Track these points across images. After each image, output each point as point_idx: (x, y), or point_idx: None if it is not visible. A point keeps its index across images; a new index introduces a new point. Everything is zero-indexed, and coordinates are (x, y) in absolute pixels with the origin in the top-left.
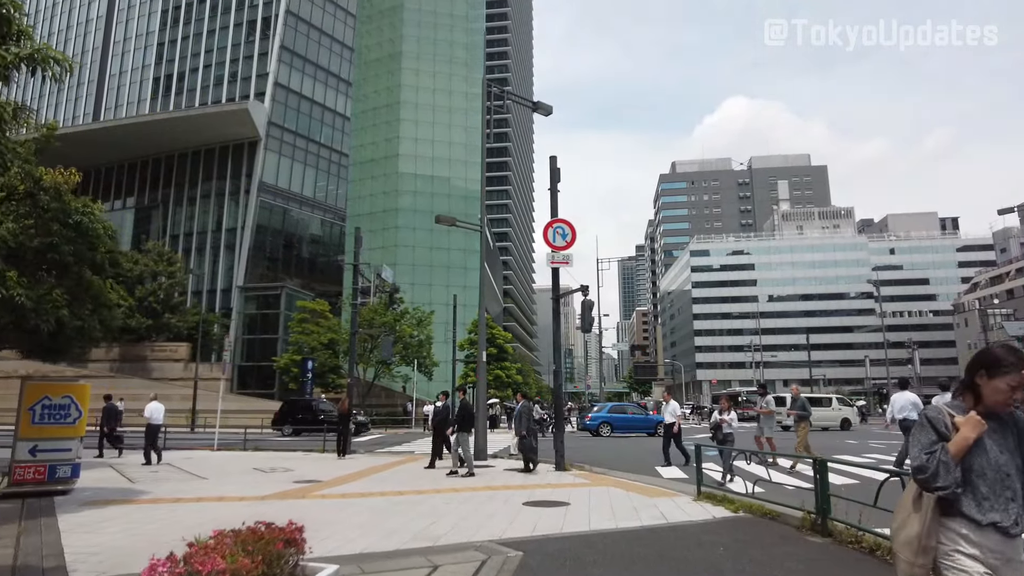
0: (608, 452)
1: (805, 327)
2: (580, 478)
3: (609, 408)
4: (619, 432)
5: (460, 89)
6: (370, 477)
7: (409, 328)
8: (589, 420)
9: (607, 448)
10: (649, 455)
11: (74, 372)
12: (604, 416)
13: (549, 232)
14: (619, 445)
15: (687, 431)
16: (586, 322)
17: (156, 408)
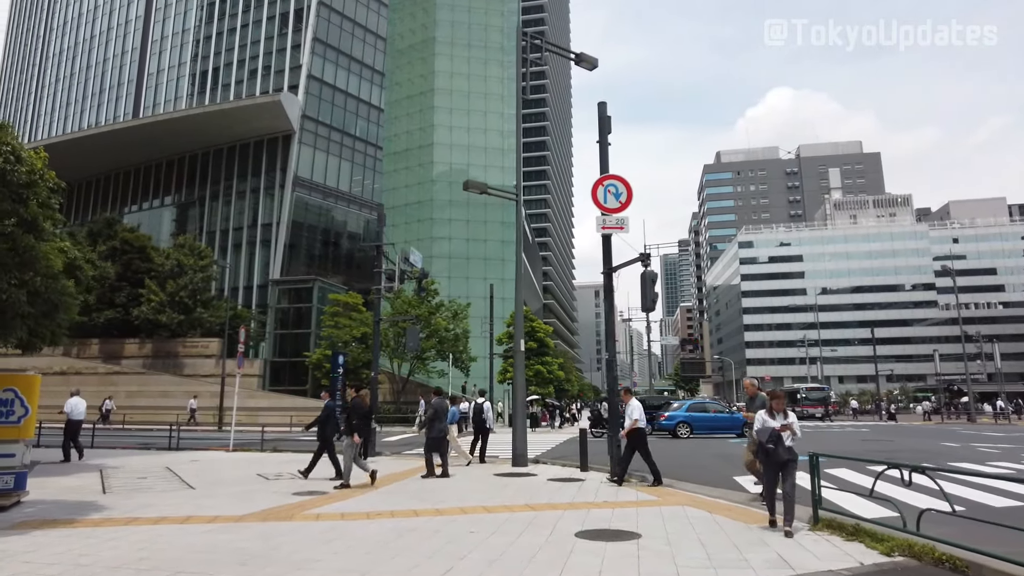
0: (673, 457)
1: (858, 320)
2: (644, 493)
3: (688, 406)
4: (700, 433)
5: (495, 74)
6: (386, 488)
7: (444, 321)
8: (665, 419)
9: (671, 452)
10: (724, 462)
11: (107, 369)
12: (682, 415)
13: (599, 191)
14: (686, 448)
15: None
16: (648, 298)
17: (76, 403)
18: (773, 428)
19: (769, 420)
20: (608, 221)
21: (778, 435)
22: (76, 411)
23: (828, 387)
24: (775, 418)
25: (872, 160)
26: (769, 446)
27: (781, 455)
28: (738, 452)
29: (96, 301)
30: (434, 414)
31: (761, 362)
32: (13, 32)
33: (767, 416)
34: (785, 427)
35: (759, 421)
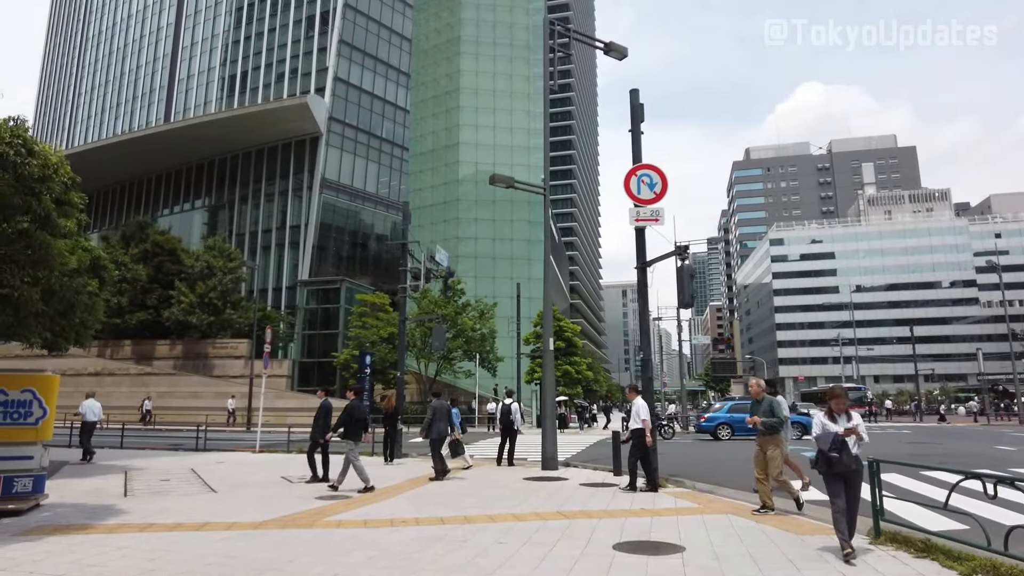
0: (708, 462)
1: (894, 319)
2: (682, 500)
3: (729, 407)
4: (742, 435)
5: (521, 72)
6: (411, 492)
7: (471, 321)
8: (705, 421)
9: (708, 456)
10: None
11: (139, 370)
12: (723, 417)
13: (632, 181)
14: (723, 451)
15: None
16: (686, 293)
17: (91, 405)
18: (836, 433)
19: (830, 423)
20: (642, 213)
21: (843, 440)
22: (91, 413)
23: (865, 387)
24: (836, 421)
25: (907, 154)
26: (833, 454)
27: (847, 463)
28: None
29: (128, 303)
30: (433, 416)
31: (793, 361)
32: (52, 43)
33: (826, 419)
34: (850, 431)
35: (818, 425)
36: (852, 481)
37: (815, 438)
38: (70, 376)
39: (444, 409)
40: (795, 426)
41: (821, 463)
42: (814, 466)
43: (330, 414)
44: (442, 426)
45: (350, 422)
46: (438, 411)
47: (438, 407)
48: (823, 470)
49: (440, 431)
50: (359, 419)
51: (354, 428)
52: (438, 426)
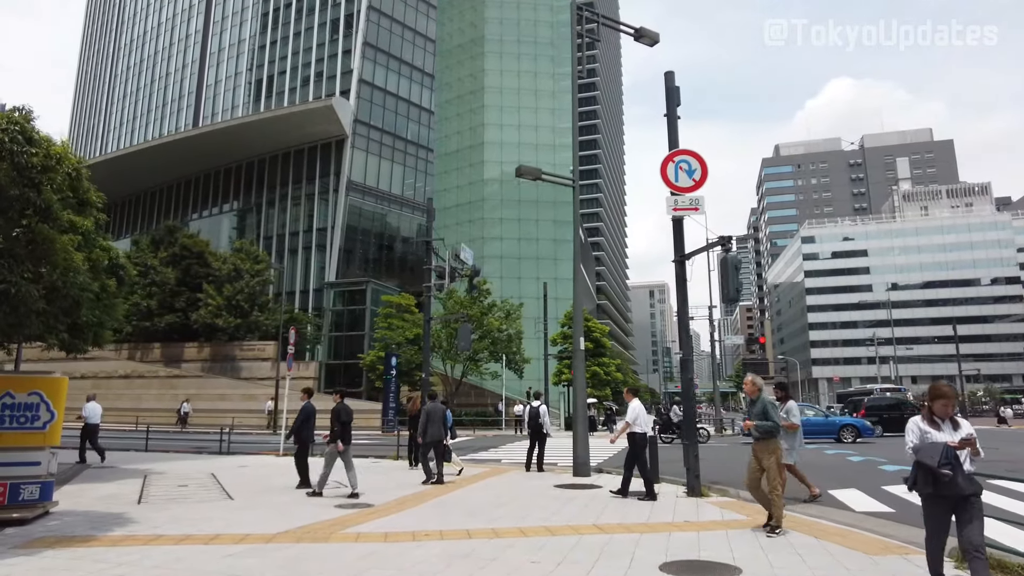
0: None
1: (930, 318)
2: (729, 511)
3: None
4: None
5: (546, 70)
6: (437, 499)
7: (497, 322)
8: None
9: (747, 461)
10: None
11: (168, 372)
12: None
13: (669, 168)
14: None
15: None
16: (731, 286)
17: (93, 408)
18: (947, 444)
19: (933, 431)
20: (680, 202)
21: (955, 454)
22: (93, 415)
23: (905, 388)
24: (940, 428)
25: (944, 148)
26: (944, 471)
27: (960, 486)
28: (827, 461)
29: (157, 306)
30: (427, 419)
31: (826, 362)
32: (87, 54)
33: (926, 425)
34: (966, 442)
35: (914, 433)
36: (968, 509)
37: (912, 449)
38: (102, 379)
39: (439, 412)
40: (848, 429)
41: (923, 482)
42: (911, 487)
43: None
44: (436, 429)
45: (338, 425)
46: (432, 414)
47: (432, 410)
48: (926, 491)
49: (434, 434)
50: (345, 422)
51: (343, 431)
52: (432, 429)
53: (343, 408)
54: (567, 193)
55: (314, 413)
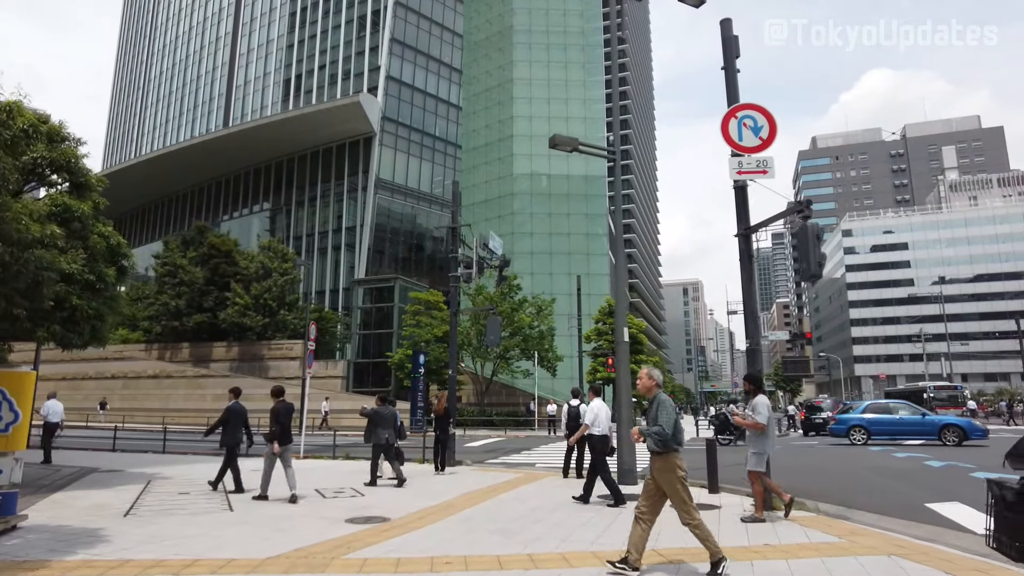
0: (812, 473)
1: (980, 312)
2: (813, 529)
3: (865, 407)
4: (880, 439)
5: (576, 60)
6: (464, 513)
7: (528, 318)
8: (836, 423)
9: (805, 465)
10: (898, 479)
11: (195, 372)
12: (856, 418)
13: (731, 125)
14: (834, 459)
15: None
16: (812, 260)
17: (53, 406)
18: None
19: None
20: (745, 164)
21: None
22: (53, 414)
23: (961, 386)
24: None
25: (993, 135)
26: None
27: None
28: (901, 466)
29: (186, 305)
30: (375, 422)
31: (869, 359)
32: (122, 62)
33: None
34: None
35: None
36: None
37: None
38: (131, 379)
39: (389, 415)
40: (951, 430)
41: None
42: None
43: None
44: (384, 432)
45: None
46: (381, 417)
47: (381, 413)
48: None
49: (381, 437)
50: (284, 423)
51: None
52: (379, 432)
53: (283, 407)
54: (599, 186)
55: (242, 414)
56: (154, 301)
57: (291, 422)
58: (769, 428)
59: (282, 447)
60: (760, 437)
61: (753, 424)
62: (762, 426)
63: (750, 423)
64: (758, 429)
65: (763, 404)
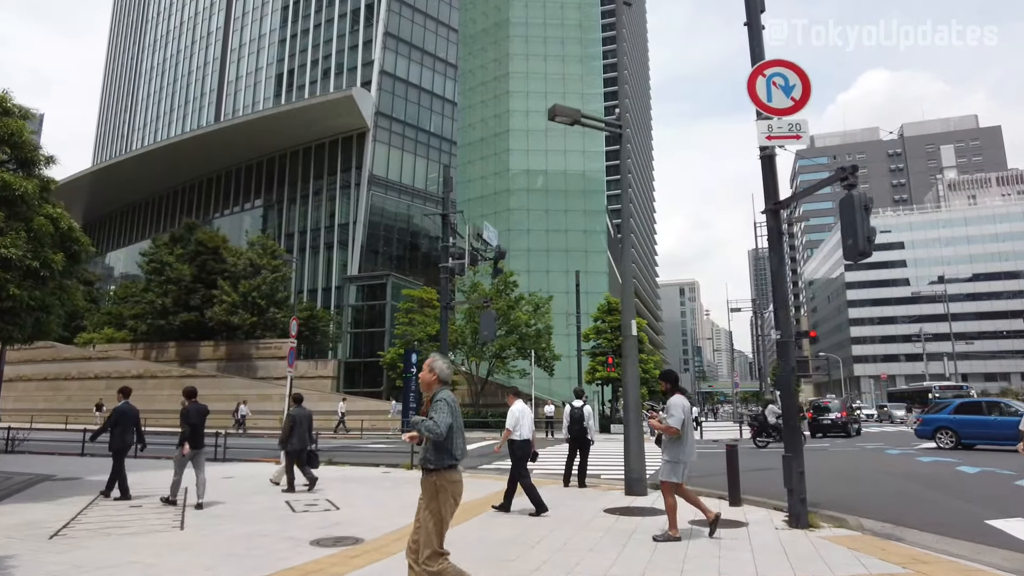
0: (842, 480)
1: (979, 312)
2: (866, 554)
3: (955, 407)
4: (972, 443)
5: (574, 54)
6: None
7: (525, 316)
8: (921, 424)
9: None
10: (945, 492)
11: (181, 372)
12: (944, 419)
13: (758, 84)
14: (854, 464)
15: None
16: (861, 234)
17: None
18: None
19: None
20: (776, 127)
21: None
22: None
23: (968, 386)
24: None
25: (991, 135)
26: None
27: None
28: (932, 473)
29: (172, 303)
30: (293, 425)
31: (868, 359)
32: (113, 55)
33: None
34: None
35: None
36: None
37: None
38: (115, 379)
39: (307, 418)
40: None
41: None
42: None
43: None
44: (303, 437)
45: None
46: (299, 420)
47: (299, 415)
48: None
49: (302, 442)
50: (194, 424)
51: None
52: (299, 436)
53: (193, 409)
54: (598, 182)
55: (132, 416)
56: (140, 299)
57: (204, 424)
58: (685, 433)
59: (193, 450)
60: (674, 443)
61: (665, 428)
62: (675, 431)
63: (663, 427)
64: (671, 434)
65: (677, 405)
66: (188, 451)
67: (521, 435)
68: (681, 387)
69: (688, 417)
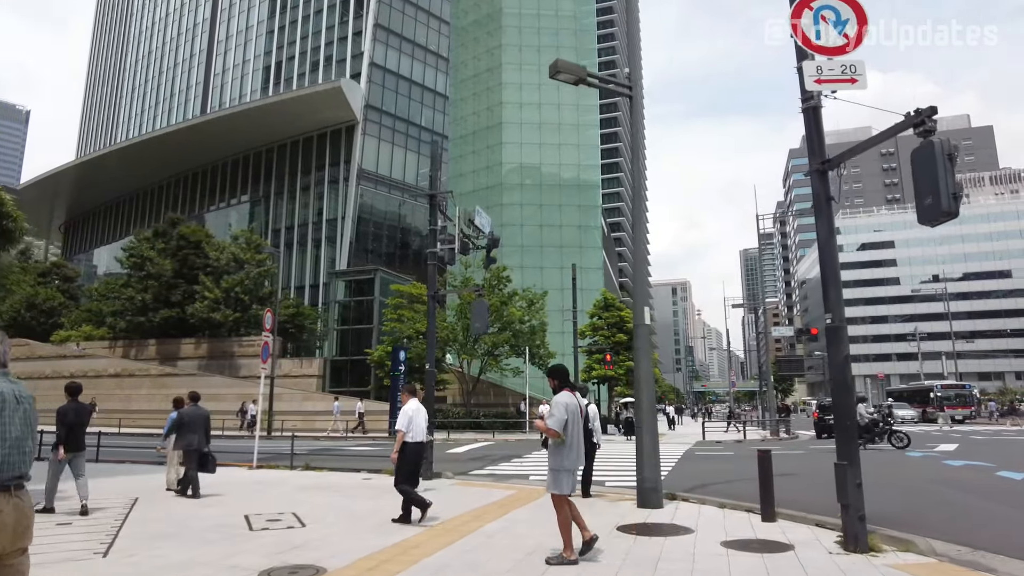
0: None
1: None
2: None
3: None
4: None
5: (568, 44)
6: (432, 559)
7: (519, 312)
8: None
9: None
10: (987, 499)
11: (159, 371)
12: None
13: (804, 18)
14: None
15: None
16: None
17: None
18: None
19: None
20: (826, 70)
21: None
22: None
23: (971, 385)
24: None
25: (983, 134)
26: None
27: None
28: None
29: (152, 299)
30: (181, 424)
31: (863, 358)
32: (97, 46)
33: None
34: None
35: None
36: None
37: None
38: (91, 378)
39: (200, 417)
40: None
41: None
42: None
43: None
44: (194, 436)
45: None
46: (189, 419)
47: (190, 414)
48: None
49: (190, 443)
50: (72, 424)
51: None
52: (189, 437)
53: (71, 408)
54: (593, 174)
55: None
56: (119, 295)
57: (84, 424)
58: (571, 436)
59: (70, 453)
60: (557, 449)
61: (544, 428)
62: (555, 433)
63: (543, 427)
64: (552, 436)
65: (559, 404)
66: (63, 455)
67: (414, 437)
68: (573, 384)
69: (574, 418)
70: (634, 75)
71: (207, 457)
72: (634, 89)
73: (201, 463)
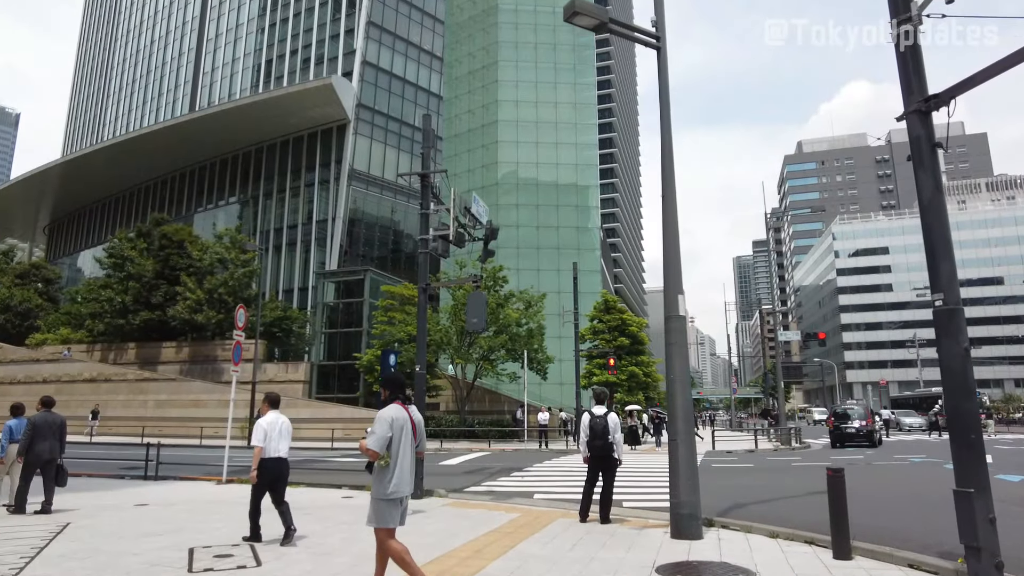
0: (923, 506)
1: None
2: None
3: None
4: None
5: (566, 41)
6: None
7: (516, 314)
8: None
9: (897, 491)
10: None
11: (137, 376)
12: None
13: None
14: (906, 483)
15: None
16: None
17: None
18: None
19: None
20: None
21: None
22: None
23: (981, 392)
24: None
25: (978, 141)
26: None
27: None
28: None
29: (132, 301)
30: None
31: (861, 365)
32: (84, 45)
33: None
34: None
35: None
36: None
37: None
38: (65, 383)
39: (54, 424)
40: None
41: None
42: None
43: None
44: (45, 446)
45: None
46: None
47: (42, 421)
48: None
49: (42, 452)
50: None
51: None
52: (41, 446)
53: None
54: (591, 174)
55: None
56: (97, 296)
57: None
58: (396, 456)
59: None
60: (380, 473)
61: (365, 449)
62: (375, 453)
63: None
64: (371, 457)
65: (383, 420)
66: None
67: (276, 452)
68: (406, 396)
69: (401, 436)
70: (660, 24)
71: (61, 470)
72: (661, 40)
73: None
